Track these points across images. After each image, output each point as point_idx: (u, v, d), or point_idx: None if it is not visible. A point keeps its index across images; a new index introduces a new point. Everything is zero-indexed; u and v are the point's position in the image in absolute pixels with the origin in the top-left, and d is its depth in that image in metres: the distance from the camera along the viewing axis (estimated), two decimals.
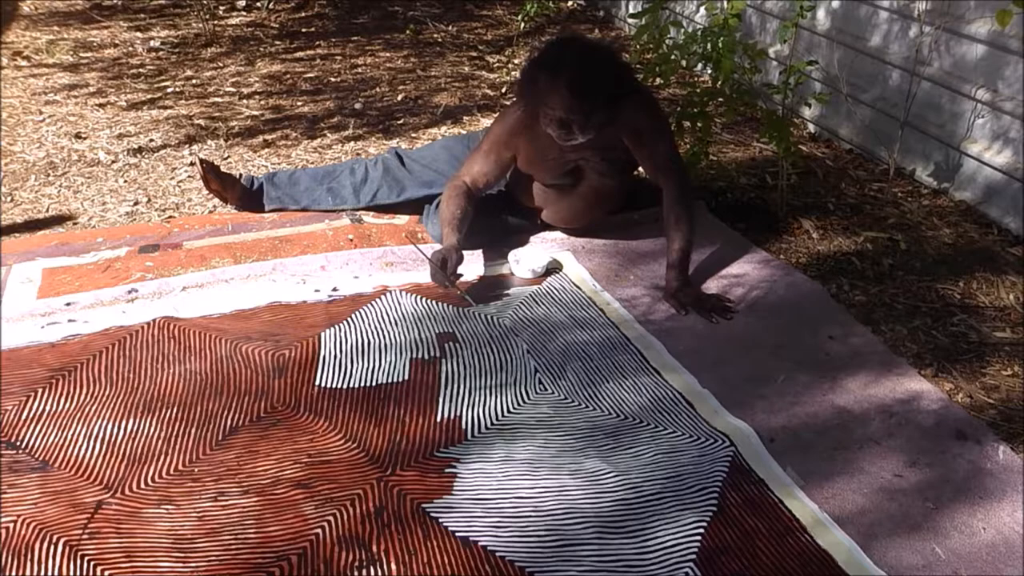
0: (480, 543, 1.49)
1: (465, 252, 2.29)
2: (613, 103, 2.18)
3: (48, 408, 1.79)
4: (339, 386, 1.88)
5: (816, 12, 3.32)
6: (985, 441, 1.77)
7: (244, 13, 4.99)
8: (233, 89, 3.81)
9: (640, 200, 2.61)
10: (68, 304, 2.17)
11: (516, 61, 4.30)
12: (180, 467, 1.65)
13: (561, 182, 2.40)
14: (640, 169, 2.54)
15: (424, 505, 1.57)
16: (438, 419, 1.80)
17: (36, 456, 1.67)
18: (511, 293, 2.28)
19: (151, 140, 3.24)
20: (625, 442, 1.74)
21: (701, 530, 1.52)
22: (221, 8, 5.00)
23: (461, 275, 2.25)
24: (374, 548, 1.48)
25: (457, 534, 1.51)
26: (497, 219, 2.50)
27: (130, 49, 4.33)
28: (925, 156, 2.94)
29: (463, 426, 1.78)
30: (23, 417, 1.77)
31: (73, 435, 1.72)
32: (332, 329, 2.07)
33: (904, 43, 2.97)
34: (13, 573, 1.41)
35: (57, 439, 1.71)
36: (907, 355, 2.05)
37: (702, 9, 3.50)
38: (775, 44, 3.41)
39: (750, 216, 2.70)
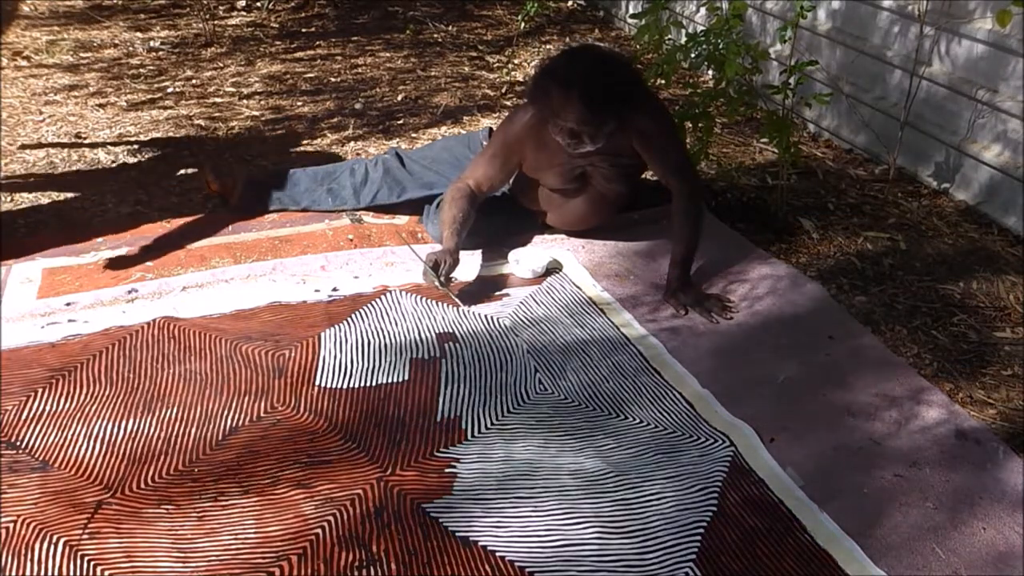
0: (480, 543, 1.49)
1: (464, 252, 2.29)
2: (624, 112, 2.18)
3: (48, 408, 1.79)
4: (339, 386, 1.88)
5: (816, 12, 3.32)
6: (985, 441, 1.77)
7: (244, 13, 4.99)
8: (233, 89, 3.81)
9: (640, 201, 2.61)
10: (68, 304, 2.17)
11: (516, 61, 4.30)
12: (180, 467, 1.65)
13: (567, 187, 2.40)
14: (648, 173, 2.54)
15: (424, 505, 1.57)
16: (438, 419, 1.80)
17: (36, 456, 1.67)
18: (511, 293, 2.28)
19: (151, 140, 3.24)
20: (625, 442, 1.74)
21: (701, 530, 1.52)
22: (221, 8, 5.00)
23: (455, 278, 2.25)
24: (374, 548, 1.48)
25: (457, 534, 1.51)
26: (499, 220, 2.50)
27: (130, 49, 4.33)
28: (925, 156, 2.94)
29: (463, 426, 1.78)
30: (23, 417, 1.76)
31: (73, 435, 1.72)
32: (332, 329, 2.07)
33: (904, 43, 2.97)
34: (13, 573, 1.41)
35: (57, 439, 1.71)
36: (907, 355, 2.05)
37: (702, 9, 3.50)
38: (775, 44, 3.41)
39: (750, 216, 2.70)
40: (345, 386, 1.88)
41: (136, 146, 3.18)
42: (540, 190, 2.45)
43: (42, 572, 1.41)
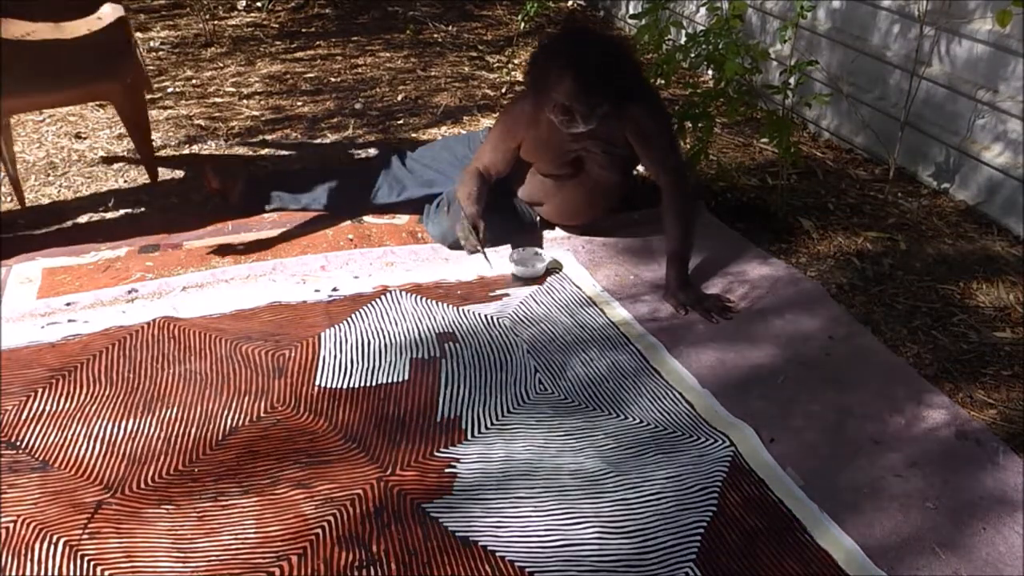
0: (480, 543, 1.49)
1: (490, 249, 2.36)
2: (619, 97, 2.19)
3: (48, 408, 1.80)
4: (339, 386, 1.88)
5: (816, 12, 3.31)
6: (985, 441, 1.77)
7: (244, 13, 4.99)
8: (233, 89, 3.81)
9: (640, 200, 2.61)
10: (68, 304, 2.17)
11: (516, 61, 4.30)
12: (180, 467, 1.65)
13: (561, 172, 2.40)
14: (640, 168, 2.54)
15: (424, 505, 1.57)
16: (438, 419, 1.80)
17: (36, 456, 1.67)
18: (511, 293, 2.28)
19: (151, 140, 3.24)
20: (625, 442, 1.74)
21: (701, 530, 1.52)
22: (221, 8, 5.00)
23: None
24: (374, 548, 1.48)
25: (457, 534, 1.51)
26: (499, 220, 2.50)
27: None
28: (925, 156, 2.94)
29: (463, 426, 1.78)
30: (23, 417, 1.77)
31: (73, 435, 1.72)
32: (332, 329, 2.07)
33: (904, 43, 2.97)
34: (13, 573, 1.41)
35: (57, 439, 1.71)
36: (907, 355, 2.05)
37: (702, 9, 3.50)
38: (775, 44, 3.41)
39: (750, 216, 2.70)
40: (345, 386, 1.88)
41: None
42: (536, 180, 2.45)
43: (42, 572, 1.41)
